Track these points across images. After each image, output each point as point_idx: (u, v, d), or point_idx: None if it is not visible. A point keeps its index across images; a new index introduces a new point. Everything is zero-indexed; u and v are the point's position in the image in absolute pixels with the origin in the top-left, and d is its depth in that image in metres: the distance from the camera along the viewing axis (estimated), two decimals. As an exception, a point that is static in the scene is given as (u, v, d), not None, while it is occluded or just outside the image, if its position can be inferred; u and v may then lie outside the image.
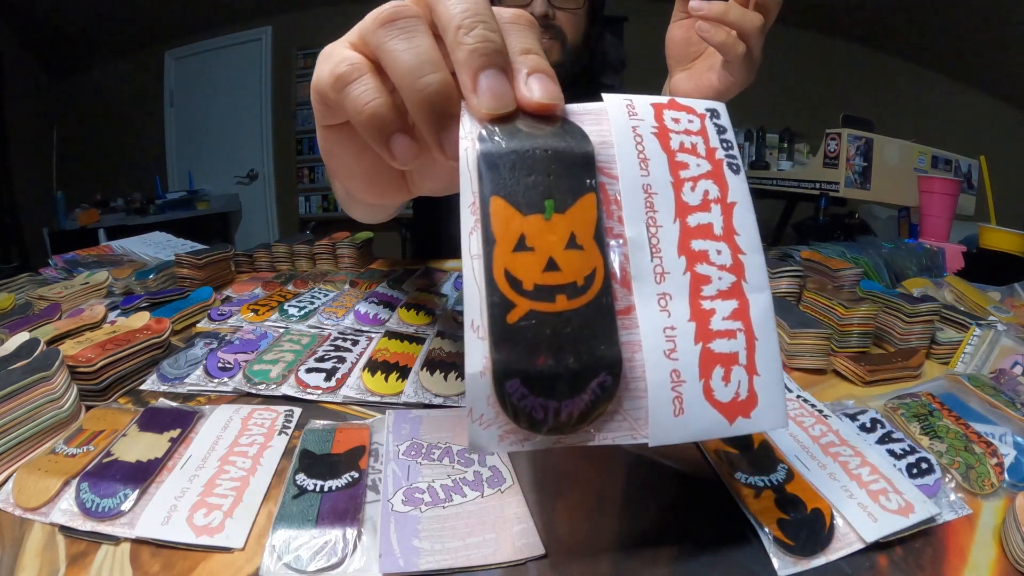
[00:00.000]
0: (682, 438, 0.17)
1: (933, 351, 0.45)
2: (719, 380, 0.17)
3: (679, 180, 0.19)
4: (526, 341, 0.16)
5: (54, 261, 0.66)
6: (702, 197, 0.19)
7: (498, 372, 0.16)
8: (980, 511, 0.26)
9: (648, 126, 0.19)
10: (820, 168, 1.60)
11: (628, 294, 0.17)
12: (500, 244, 0.16)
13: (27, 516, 0.24)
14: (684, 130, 0.20)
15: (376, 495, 0.26)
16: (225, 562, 0.22)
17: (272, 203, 3.45)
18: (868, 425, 0.32)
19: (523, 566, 0.22)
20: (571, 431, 0.16)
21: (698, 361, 0.17)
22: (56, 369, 0.31)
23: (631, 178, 0.18)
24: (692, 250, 0.18)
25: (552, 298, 0.16)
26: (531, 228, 0.17)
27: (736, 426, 0.17)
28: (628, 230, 0.18)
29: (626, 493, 0.27)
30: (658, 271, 0.18)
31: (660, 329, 0.17)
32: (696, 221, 0.19)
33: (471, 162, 0.18)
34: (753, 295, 0.18)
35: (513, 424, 0.16)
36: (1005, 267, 0.73)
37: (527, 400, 0.16)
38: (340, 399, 0.35)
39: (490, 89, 0.19)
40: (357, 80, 0.21)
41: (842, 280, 0.51)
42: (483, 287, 0.16)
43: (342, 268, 0.70)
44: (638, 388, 0.17)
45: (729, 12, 0.43)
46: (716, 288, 0.18)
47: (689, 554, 0.23)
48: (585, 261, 0.17)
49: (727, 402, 0.17)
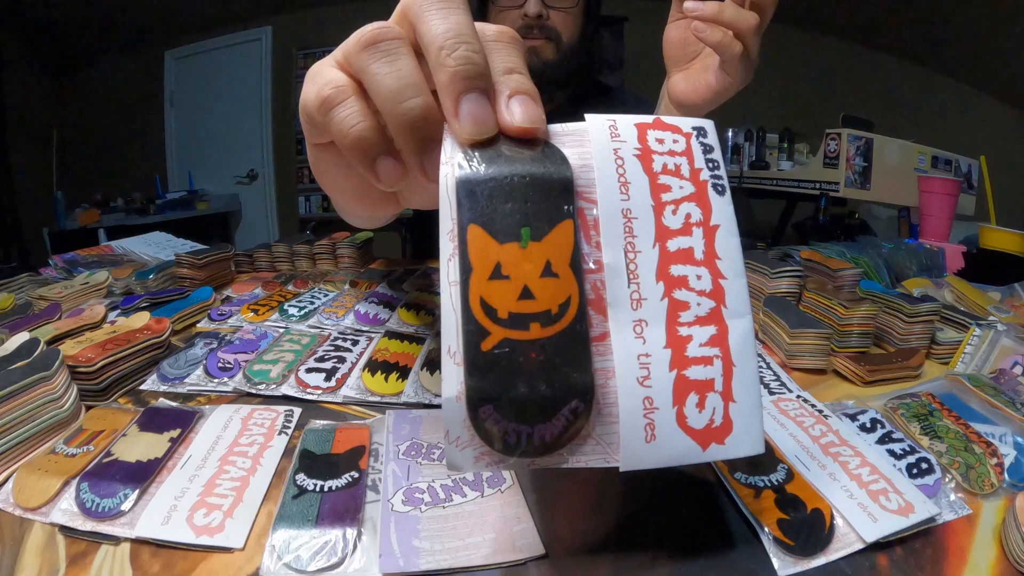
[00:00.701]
0: (653, 464, 0.17)
1: (933, 351, 0.45)
2: (693, 407, 0.17)
3: (660, 203, 0.19)
4: (500, 368, 0.16)
5: (54, 261, 0.66)
6: (684, 220, 0.19)
7: (472, 398, 0.16)
8: (980, 511, 0.26)
9: (630, 148, 0.19)
10: (820, 168, 1.60)
11: (604, 320, 0.18)
12: (476, 272, 0.17)
13: (27, 516, 0.24)
14: (668, 151, 0.19)
15: (376, 495, 0.26)
16: (225, 562, 0.22)
17: (272, 203, 3.45)
18: (868, 425, 0.32)
19: (523, 566, 0.22)
20: (544, 455, 0.17)
21: (672, 388, 0.17)
22: (56, 369, 0.31)
23: (610, 202, 0.18)
24: (671, 276, 0.18)
25: (526, 326, 0.17)
26: (507, 256, 0.17)
27: (709, 452, 0.17)
28: (605, 256, 0.18)
29: (626, 493, 0.27)
30: (635, 297, 0.18)
31: (634, 356, 0.17)
32: (676, 246, 0.19)
33: (450, 189, 0.18)
34: (732, 321, 0.18)
35: (487, 447, 0.17)
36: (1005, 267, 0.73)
37: (500, 424, 0.16)
38: (340, 399, 0.35)
39: (471, 114, 0.19)
40: (342, 104, 0.21)
41: (842, 280, 0.51)
42: (459, 314, 0.17)
43: (342, 268, 0.70)
44: (611, 414, 0.17)
45: (724, 12, 0.43)
46: (694, 314, 0.18)
47: (689, 554, 0.23)
48: (560, 289, 0.17)
49: (700, 429, 0.17)
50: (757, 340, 0.47)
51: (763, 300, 0.49)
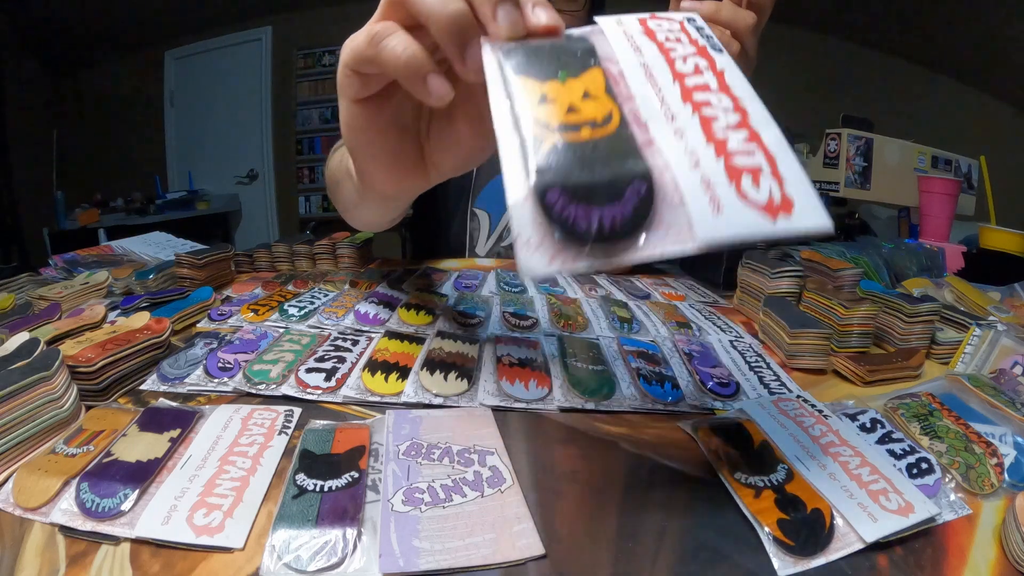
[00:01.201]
0: (729, 236, 0.17)
1: (933, 351, 0.45)
2: (749, 184, 0.18)
3: (670, 57, 0.22)
4: (560, 160, 0.18)
5: (54, 261, 0.66)
6: (694, 67, 0.22)
7: (538, 187, 0.17)
8: (980, 511, 0.26)
9: (636, 29, 0.23)
10: (820, 168, 1.60)
11: (646, 132, 0.20)
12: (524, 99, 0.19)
13: (27, 516, 0.24)
14: (667, 29, 0.23)
15: (376, 495, 0.26)
16: (225, 562, 0.22)
17: (272, 203, 3.45)
18: (868, 425, 0.32)
19: (523, 566, 0.22)
20: (618, 240, 0.17)
21: (724, 170, 0.18)
22: (56, 369, 0.31)
23: (629, 61, 0.21)
24: (695, 100, 0.20)
25: (578, 130, 0.19)
26: (549, 89, 0.20)
27: (779, 224, 0.18)
28: (634, 91, 0.21)
29: (626, 493, 0.27)
30: (667, 114, 0.20)
31: (682, 151, 0.19)
32: (693, 83, 0.21)
33: (492, 61, 0.21)
34: (762, 129, 0.20)
35: (561, 242, 0.17)
36: (1005, 267, 0.73)
37: (569, 209, 0.17)
38: (340, 399, 0.35)
39: (507, 16, 0.22)
40: (391, 35, 0.25)
41: (842, 280, 0.51)
42: (516, 131, 0.19)
43: (342, 268, 0.70)
44: (674, 198, 0.18)
45: (721, 11, 0.43)
46: (725, 125, 0.20)
47: (689, 554, 0.23)
48: (600, 106, 0.20)
49: (763, 203, 0.18)
50: (757, 340, 0.47)
51: (763, 300, 0.49)
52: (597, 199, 0.17)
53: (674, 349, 0.44)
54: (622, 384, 0.37)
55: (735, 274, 0.58)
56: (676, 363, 0.42)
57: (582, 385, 0.36)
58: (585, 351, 0.42)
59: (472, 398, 0.35)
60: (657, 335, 0.48)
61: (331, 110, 3.23)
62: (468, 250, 0.87)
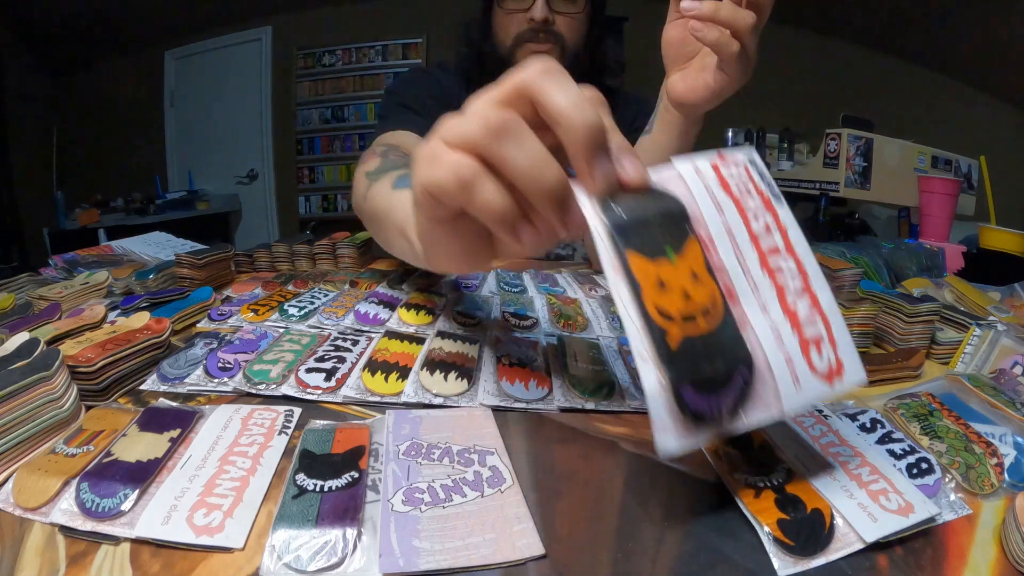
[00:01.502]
0: (804, 405, 0.21)
1: (933, 351, 0.45)
2: (815, 355, 0.22)
3: (745, 216, 0.24)
4: (688, 356, 0.20)
5: (54, 261, 0.66)
6: (764, 225, 0.24)
7: (675, 383, 0.20)
8: (980, 511, 0.26)
9: (713, 180, 0.25)
10: (820, 168, 1.60)
11: (739, 308, 0.22)
12: (645, 288, 0.21)
13: (27, 516, 0.24)
14: (737, 177, 0.25)
15: (376, 495, 0.26)
16: (225, 562, 0.22)
17: (272, 203, 3.45)
18: (868, 425, 0.32)
19: (523, 566, 0.22)
20: (730, 422, 0.20)
21: (799, 345, 0.22)
22: (56, 369, 0.31)
23: (715, 222, 0.23)
24: (770, 267, 0.24)
25: (694, 321, 0.21)
26: (663, 271, 0.22)
27: (835, 388, 0.22)
28: (724, 261, 0.23)
29: (626, 493, 0.27)
30: (752, 286, 0.23)
31: (768, 328, 0.22)
32: (766, 245, 0.24)
33: (602, 232, 0.22)
34: (818, 290, 0.24)
35: (690, 425, 0.20)
36: (1005, 267, 0.73)
37: (697, 400, 0.20)
38: (340, 399, 0.35)
39: (604, 174, 0.23)
40: (482, 184, 0.24)
41: (842, 280, 0.51)
42: (643, 323, 0.21)
43: (342, 268, 0.70)
44: (765, 377, 0.21)
45: (721, 11, 0.43)
46: (793, 290, 0.23)
47: (689, 554, 0.23)
48: (706, 289, 0.22)
49: (825, 372, 0.22)
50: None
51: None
52: (716, 388, 0.20)
53: (674, 349, 0.44)
54: (622, 384, 0.37)
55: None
56: (676, 363, 0.42)
57: (582, 385, 0.36)
58: (585, 351, 0.42)
59: (472, 398, 0.35)
60: (657, 335, 0.48)
61: (331, 110, 3.23)
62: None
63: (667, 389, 0.20)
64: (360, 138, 3.23)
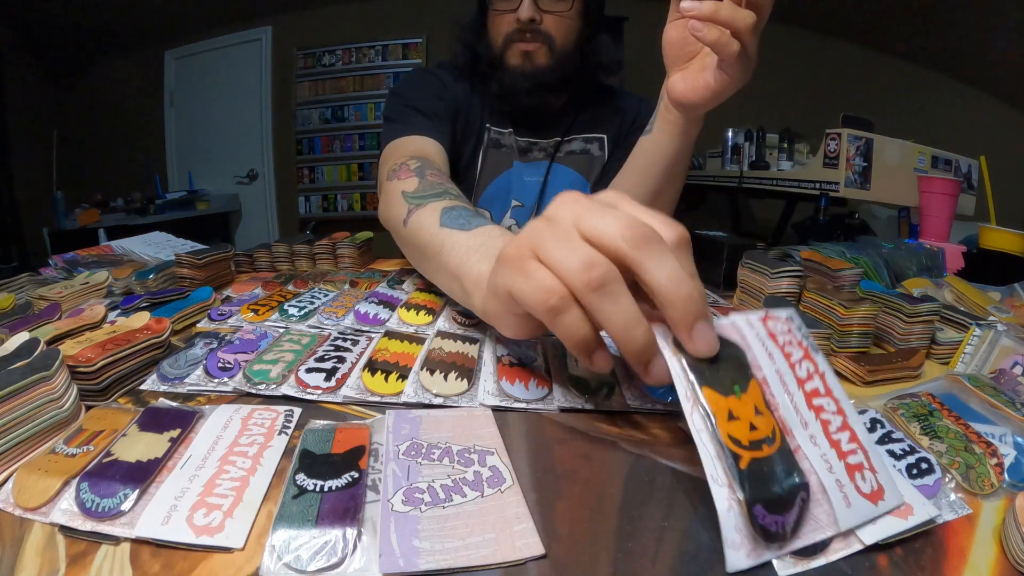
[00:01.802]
0: (856, 522, 0.23)
1: (933, 351, 0.45)
2: (859, 479, 0.25)
3: (791, 364, 0.28)
4: (758, 478, 0.23)
5: (54, 261, 0.66)
6: (807, 371, 0.28)
7: (748, 503, 0.22)
8: (980, 511, 0.26)
9: (763, 331, 0.28)
10: (820, 168, 1.60)
11: (793, 439, 0.25)
12: (718, 418, 0.24)
13: (27, 516, 0.24)
14: (783, 331, 0.29)
15: (376, 495, 0.26)
16: (225, 562, 0.22)
17: (272, 203, 3.45)
18: (868, 425, 0.32)
19: (523, 566, 0.22)
20: (791, 541, 0.22)
21: (846, 471, 0.25)
22: (56, 369, 0.31)
23: (768, 369, 0.27)
24: (815, 405, 0.27)
25: (760, 448, 0.24)
26: (733, 405, 0.25)
27: (879, 507, 0.24)
28: (778, 399, 0.26)
29: (626, 493, 0.27)
30: (801, 421, 0.26)
31: (819, 457, 0.25)
32: (811, 387, 0.27)
33: (679, 370, 0.25)
34: (855, 426, 0.27)
35: (759, 544, 0.22)
36: (1005, 267, 0.73)
37: (767, 519, 0.22)
38: (340, 399, 0.35)
39: (704, 339, 0.25)
40: (568, 313, 0.27)
41: (842, 280, 0.51)
42: (718, 448, 0.23)
43: (342, 268, 0.70)
44: (819, 498, 0.24)
45: (721, 10, 0.43)
46: (835, 426, 0.26)
47: (689, 554, 0.23)
48: (767, 421, 0.25)
49: (869, 493, 0.24)
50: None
51: (763, 300, 0.49)
52: (783, 508, 0.22)
53: (674, 349, 0.44)
54: (622, 384, 0.37)
55: (735, 274, 0.58)
56: (676, 363, 0.42)
57: (582, 385, 0.36)
58: (585, 351, 0.42)
59: (472, 398, 0.35)
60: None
61: (331, 110, 3.23)
62: (469, 250, 0.87)
63: (741, 508, 0.22)
64: (360, 138, 3.23)
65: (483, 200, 0.84)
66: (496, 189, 0.84)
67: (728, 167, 2.29)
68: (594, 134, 0.85)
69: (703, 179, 2.51)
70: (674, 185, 0.66)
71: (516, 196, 0.84)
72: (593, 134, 0.85)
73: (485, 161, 0.83)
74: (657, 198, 0.65)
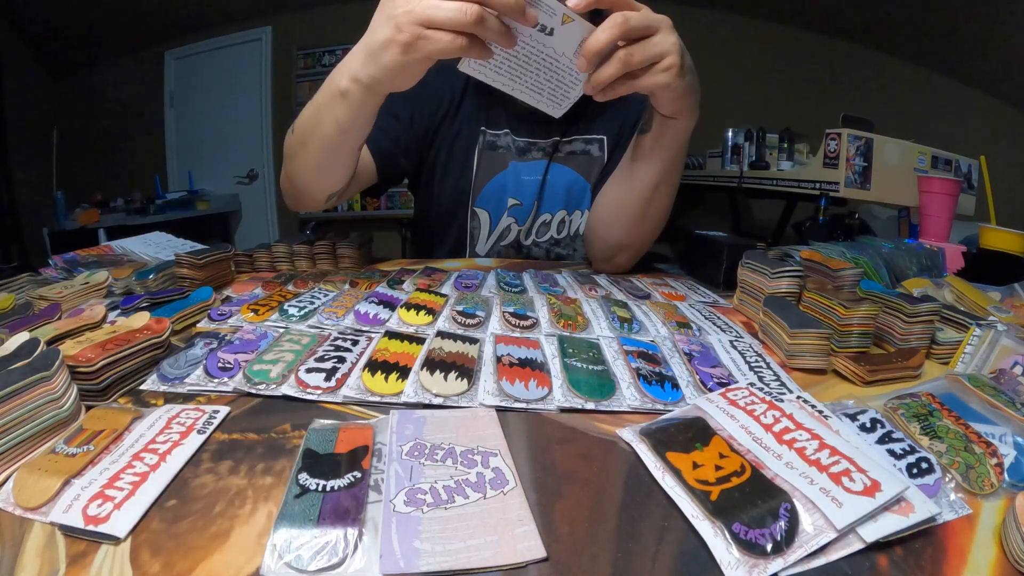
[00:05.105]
0: (854, 517, 0.23)
1: (933, 351, 0.45)
2: (848, 482, 0.25)
3: (755, 417, 0.31)
4: (730, 502, 0.25)
5: (54, 261, 0.66)
6: (773, 418, 0.31)
7: (725, 523, 0.24)
8: (980, 511, 0.26)
9: (725, 403, 0.33)
10: (820, 168, 1.60)
11: (769, 471, 0.27)
12: (683, 469, 0.28)
13: (27, 516, 0.24)
14: (744, 396, 0.34)
15: (378, 495, 0.26)
16: (226, 562, 0.22)
17: (272, 203, 3.45)
18: (868, 425, 0.32)
19: (524, 568, 0.22)
20: (786, 550, 0.23)
21: (829, 478, 0.26)
22: (56, 369, 0.31)
23: (731, 426, 0.31)
24: (786, 440, 0.29)
25: (729, 480, 0.26)
26: (696, 457, 0.28)
27: (879, 498, 0.24)
28: (747, 446, 0.29)
29: (626, 493, 0.27)
30: (775, 455, 0.28)
31: (799, 476, 0.26)
32: (779, 428, 0.30)
33: (644, 447, 0.30)
34: (834, 443, 0.28)
35: (753, 558, 0.22)
36: (1005, 267, 0.73)
37: (750, 534, 0.23)
38: (340, 399, 0.35)
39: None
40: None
41: (842, 280, 0.51)
42: (690, 495, 0.26)
43: (342, 268, 0.70)
44: (809, 507, 0.24)
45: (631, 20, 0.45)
46: (812, 449, 0.28)
47: (689, 555, 0.23)
48: (734, 460, 0.28)
49: (862, 490, 0.25)
50: (757, 340, 0.47)
51: (763, 300, 0.49)
52: (762, 522, 0.24)
53: (674, 349, 0.44)
54: (622, 384, 0.37)
55: (735, 274, 0.58)
56: (676, 363, 0.42)
57: (582, 385, 0.36)
58: (585, 351, 0.42)
59: (472, 398, 0.35)
60: (657, 335, 0.48)
61: (331, 110, 3.23)
62: (468, 249, 0.87)
63: (724, 531, 0.23)
64: (360, 138, 3.22)
65: (480, 199, 0.85)
66: (493, 189, 0.84)
67: (728, 167, 2.29)
68: (594, 135, 0.85)
69: (703, 179, 2.50)
70: (671, 178, 0.66)
71: (513, 195, 0.85)
72: (593, 135, 0.85)
73: (480, 162, 0.84)
74: (656, 191, 0.65)
